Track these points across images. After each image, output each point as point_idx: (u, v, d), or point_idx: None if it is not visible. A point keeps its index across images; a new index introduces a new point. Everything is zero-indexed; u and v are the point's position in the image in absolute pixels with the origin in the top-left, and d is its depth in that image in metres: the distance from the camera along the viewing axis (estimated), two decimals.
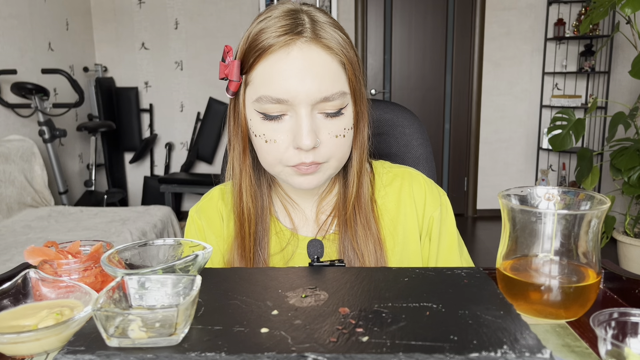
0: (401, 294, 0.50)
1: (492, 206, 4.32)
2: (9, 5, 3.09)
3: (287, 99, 0.68)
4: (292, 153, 0.71)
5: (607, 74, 3.77)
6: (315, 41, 0.69)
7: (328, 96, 0.69)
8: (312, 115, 0.70)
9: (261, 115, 0.71)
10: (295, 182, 0.74)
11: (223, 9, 4.10)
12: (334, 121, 0.71)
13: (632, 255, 2.84)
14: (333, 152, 0.72)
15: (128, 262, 0.56)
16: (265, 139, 0.71)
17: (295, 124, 0.69)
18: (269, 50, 0.69)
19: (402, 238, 0.82)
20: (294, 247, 0.82)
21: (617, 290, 0.61)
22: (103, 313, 0.40)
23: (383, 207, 0.83)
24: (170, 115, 4.28)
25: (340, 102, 0.71)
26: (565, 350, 0.48)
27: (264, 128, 0.71)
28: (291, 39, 0.68)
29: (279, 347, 0.40)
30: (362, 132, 0.78)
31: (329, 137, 0.71)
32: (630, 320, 0.46)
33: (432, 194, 0.84)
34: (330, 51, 0.70)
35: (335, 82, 0.70)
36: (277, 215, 0.84)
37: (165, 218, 2.79)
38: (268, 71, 0.69)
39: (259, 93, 0.70)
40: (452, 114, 4.28)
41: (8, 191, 2.70)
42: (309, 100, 0.68)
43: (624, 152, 2.70)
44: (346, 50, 0.72)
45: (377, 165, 0.87)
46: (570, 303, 0.50)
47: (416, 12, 4.13)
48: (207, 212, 0.86)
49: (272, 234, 0.82)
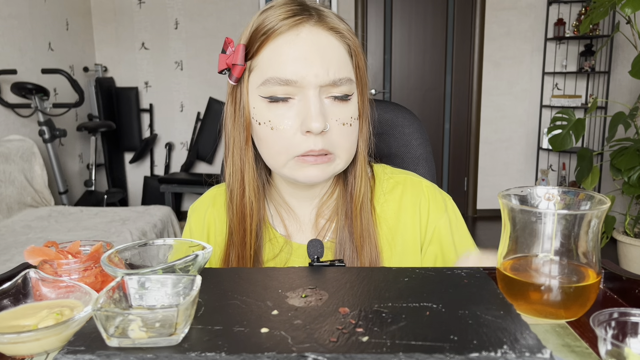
0: (401, 294, 0.50)
1: (492, 206, 4.32)
2: (9, 5, 3.09)
3: (296, 79, 0.66)
4: (300, 139, 0.68)
5: (607, 74, 3.77)
6: (323, 25, 0.68)
7: (336, 80, 0.68)
8: (320, 98, 0.68)
9: (267, 100, 0.69)
10: (300, 176, 0.70)
11: (223, 9, 4.10)
12: (341, 108, 0.70)
13: (632, 255, 2.84)
14: (342, 142, 0.70)
15: (128, 262, 0.56)
16: (271, 126, 0.69)
17: (304, 107, 0.67)
18: (276, 32, 0.67)
19: (400, 248, 0.79)
20: (287, 254, 0.79)
21: (617, 290, 0.61)
22: (103, 313, 0.40)
23: (382, 215, 0.80)
24: (170, 115, 4.28)
25: (348, 89, 0.70)
26: (565, 350, 0.48)
27: (269, 114, 0.69)
28: (300, 21, 0.67)
29: (279, 347, 0.40)
30: (366, 127, 0.76)
31: (337, 124, 0.69)
32: (630, 320, 0.46)
33: (435, 202, 0.81)
34: (338, 35, 0.69)
35: (343, 68, 0.69)
36: (271, 221, 0.81)
37: (165, 218, 2.79)
38: (276, 53, 0.68)
39: (266, 76, 0.68)
40: (452, 114, 4.28)
41: (8, 191, 2.70)
42: (318, 82, 0.67)
43: (624, 152, 2.70)
44: (353, 38, 0.71)
45: (378, 169, 0.84)
46: (570, 303, 0.50)
47: (416, 12, 4.13)
48: (198, 212, 0.86)
49: (265, 240, 0.80)
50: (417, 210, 0.80)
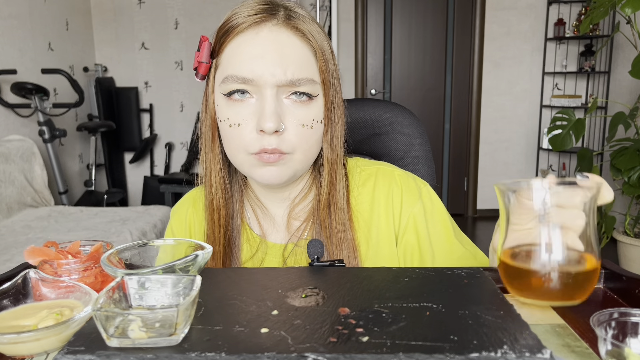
0: (401, 294, 0.50)
1: (492, 206, 4.32)
2: (9, 5, 3.09)
3: (252, 78, 0.66)
4: (255, 138, 0.68)
5: (607, 74, 3.77)
6: (286, 25, 0.68)
7: (294, 80, 0.67)
8: (277, 98, 0.67)
9: (227, 98, 0.69)
10: (257, 175, 0.70)
11: (223, 9, 4.09)
12: (301, 109, 0.69)
13: (632, 255, 2.84)
14: (298, 143, 0.69)
15: (128, 262, 0.56)
16: (229, 123, 0.69)
17: (260, 106, 0.67)
18: (237, 29, 0.68)
19: (375, 241, 0.78)
20: (263, 253, 0.79)
21: (617, 290, 0.61)
22: (103, 313, 0.40)
23: (356, 209, 0.79)
24: (170, 115, 4.28)
25: (309, 89, 0.69)
26: (565, 350, 0.48)
27: (229, 112, 0.69)
28: (262, 19, 0.67)
29: (279, 347, 0.40)
30: (336, 130, 0.74)
31: (295, 125, 0.68)
32: (630, 320, 0.46)
33: (408, 190, 0.79)
34: (301, 36, 0.69)
35: (304, 68, 0.68)
36: (248, 222, 0.82)
37: (165, 218, 2.79)
38: (236, 51, 0.68)
39: (226, 73, 0.68)
40: (452, 114, 4.28)
41: (8, 191, 2.70)
42: (274, 81, 0.66)
43: (624, 152, 2.70)
44: (319, 40, 0.70)
45: (351, 163, 0.83)
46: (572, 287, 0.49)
47: (416, 12, 4.13)
48: (179, 214, 0.86)
49: (243, 241, 0.80)
50: (390, 200, 0.79)
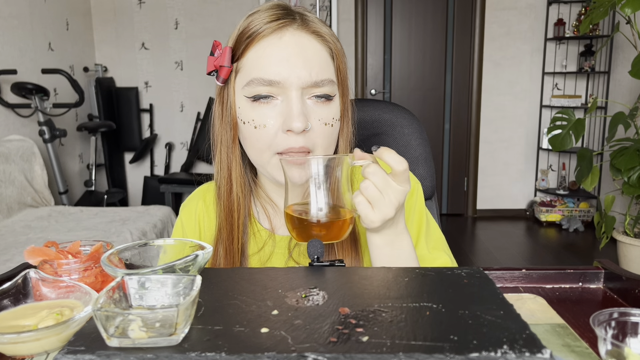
0: (401, 294, 0.50)
1: (492, 206, 4.32)
2: (9, 5, 3.09)
3: (279, 80, 0.69)
4: (282, 138, 0.71)
5: (607, 74, 3.77)
6: (306, 28, 0.72)
7: (318, 81, 0.71)
8: (302, 99, 0.71)
9: (251, 100, 0.72)
10: (289, 175, 0.71)
11: (223, 9, 4.10)
12: (323, 108, 0.72)
13: (632, 255, 2.84)
14: (320, 141, 0.73)
15: (128, 262, 0.56)
16: (254, 125, 0.72)
17: (286, 107, 0.70)
18: (260, 35, 0.71)
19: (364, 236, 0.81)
20: (271, 247, 0.81)
21: (617, 290, 0.61)
22: (103, 313, 0.40)
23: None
24: (170, 115, 4.28)
25: (329, 90, 0.72)
26: (565, 350, 0.48)
27: (253, 113, 0.72)
28: (283, 24, 0.71)
29: (279, 347, 0.40)
30: (348, 127, 0.79)
31: (319, 124, 0.72)
32: (630, 320, 0.46)
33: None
34: (321, 39, 0.72)
35: (325, 70, 0.72)
36: (257, 218, 0.84)
37: (165, 218, 2.79)
38: (260, 55, 0.71)
39: (251, 76, 0.71)
40: (452, 114, 4.28)
41: (8, 191, 2.70)
42: (300, 84, 0.70)
43: (624, 152, 2.70)
44: (335, 42, 0.75)
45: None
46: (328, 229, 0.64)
47: (416, 12, 4.13)
48: (189, 208, 0.88)
49: (250, 235, 0.82)
50: None
